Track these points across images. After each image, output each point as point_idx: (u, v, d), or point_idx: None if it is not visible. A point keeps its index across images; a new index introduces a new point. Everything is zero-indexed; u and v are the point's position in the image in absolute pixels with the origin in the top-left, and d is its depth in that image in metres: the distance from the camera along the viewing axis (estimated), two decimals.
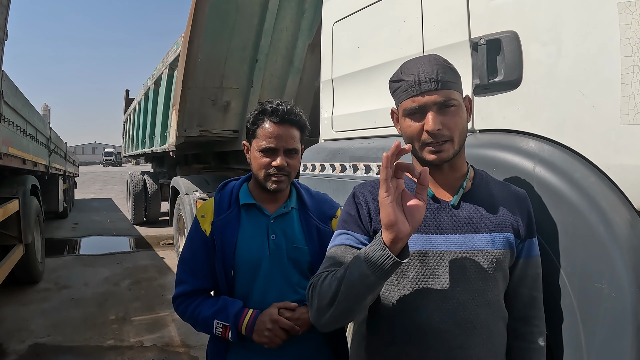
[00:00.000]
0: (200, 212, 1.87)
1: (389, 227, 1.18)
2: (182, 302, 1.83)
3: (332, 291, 1.29)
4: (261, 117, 1.77)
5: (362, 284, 1.22)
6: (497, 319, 1.41)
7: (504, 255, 1.40)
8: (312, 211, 1.87)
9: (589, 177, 1.56)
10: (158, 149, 8.45)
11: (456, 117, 1.37)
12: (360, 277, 1.22)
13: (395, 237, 1.17)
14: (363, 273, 1.21)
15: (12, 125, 5.41)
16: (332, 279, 1.31)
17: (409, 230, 1.18)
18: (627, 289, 1.40)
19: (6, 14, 4.15)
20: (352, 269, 1.25)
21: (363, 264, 1.21)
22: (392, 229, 1.17)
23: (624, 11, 1.52)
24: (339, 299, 1.27)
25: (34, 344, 4.80)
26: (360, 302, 1.27)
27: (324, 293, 1.32)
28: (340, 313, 1.30)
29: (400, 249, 1.20)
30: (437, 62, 1.38)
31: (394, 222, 1.17)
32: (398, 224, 1.17)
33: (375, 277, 1.20)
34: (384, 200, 1.18)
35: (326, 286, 1.32)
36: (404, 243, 1.20)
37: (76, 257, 9.11)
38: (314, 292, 1.37)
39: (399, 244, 1.18)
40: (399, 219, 1.17)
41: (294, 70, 5.85)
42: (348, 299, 1.26)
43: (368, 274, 1.20)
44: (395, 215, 1.17)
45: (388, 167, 1.16)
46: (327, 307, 1.31)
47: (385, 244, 1.19)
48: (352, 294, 1.25)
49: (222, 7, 5.21)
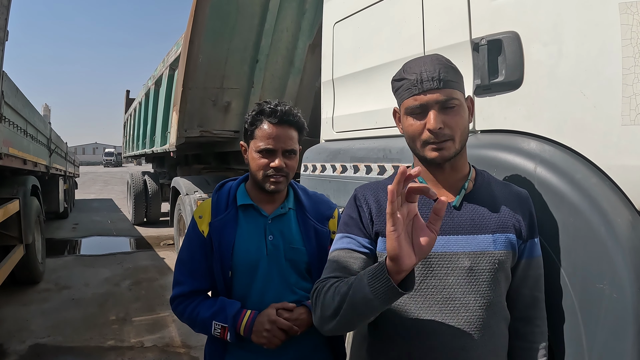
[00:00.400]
0: (198, 212, 1.87)
1: (394, 259, 1.13)
2: (180, 303, 1.83)
3: (334, 305, 1.28)
4: (259, 117, 1.77)
5: (365, 306, 1.21)
6: (499, 320, 1.41)
7: (506, 256, 1.39)
8: (309, 212, 1.87)
9: (590, 177, 1.56)
10: (159, 149, 8.45)
11: (457, 117, 1.37)
12: (363, 299, 1.20)
13: (398, 269, 1.13)
14: (366, 297, 1.18)
15: (12, 125, 5.41)
16: (334, 292, 1.30)
17: (414, 263, 1.14)
18: (628, 289, 1.40)
19: (7, 14, 4.16)
20: (355, 289, 1.23)
21: (366, 288, 1.18)
22: (395, 262, 1.13)
23: (625, 11, 1.52)
24: (341, 314, 1.27)
25: (35, 344, 4.80)
26: (363, 319, 1.28)
27: (327, 305, 1.32)
28: (343, 325, 1.31)
29: (404, 277, 1.16)
30: (440, 61, 1.39)
31: (399, 256, 1.12)
32: (403, 258, 1.12)
33: (378, 302, 1.17)
34: (391, 234, 1.12)
35: (329, 299, 1.31)
36: (408, 272, 1.16)
37: (76, 257, 9.11)
38: (317, 301, 1.37)
39: (402, 274, 1.15)
40: (405, 252, 1.12)
41: (295, 70, 5.85)
42: (351, 316, 1.26)
43: (372, 299, 1.17)
44: (400, 249, 1.12)
45: (394, 201, 1.10)
46: (330, 319, 1.31)
47: (388, 274, 1.14)
48: (354, 312, 1.25)
49: (222, 7, 5.21)
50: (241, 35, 5.51)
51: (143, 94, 10.81)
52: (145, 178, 12.46)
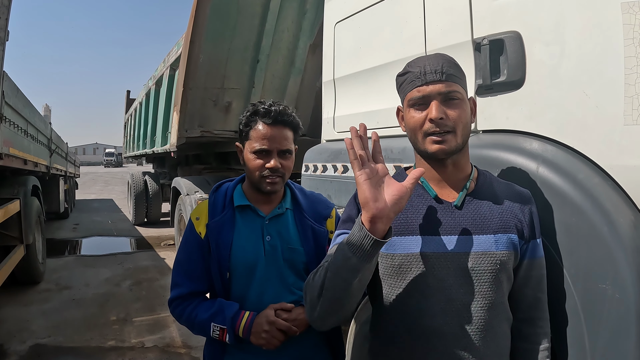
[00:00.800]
0: (195, 214, 1.86)
1: (365, 204, 1.19)
2: (179, 305, 1.83)
3: (320, 280, 1.31)
4: (254, 118, 1.76)
5: (346, 268, 1.23)
6: (501, 321, 1.41)
7: (507, 257, 1.39)
8: (306, 212, 1.87)
9: (593, 177, 1.55)
10: (159, 149, 8.45)
11: (459, 109, 1.38)
12: (343, 260, 1.23)
13: (372, 215, 1.18)
14: (345, 256, 1.23)
15: (13, 125, 5.41)
16: (321, 270, 1.33)
17: (386, 209, 1.19)
18: (630, 290, 1.39)
19: (7, 14, 4.16)
20: (335, 254, 1.27)
21: (345, 247, 1.23)
22: (367, 207, 1.19)
23: (627, 11, 1.51)
24: (326, 286, 1.28)
25: (35, 344, 4.79)
26: (347, 288, 1.27)
27: (314, 285, 1.34)
28: (329, 302, 1.30)
29: (382, 230, 1.20)
30: (443, 57, 1.42)
31: (369, 200, 1.18)
32: (374, 202, 1.18)
33: (356, 258, 1.20)
34: (358, 178, 1.21)
35: (317, 278, 1.34)
36: (384, 224, 1.20)
37: (77, 257, 9.11)
38: (307, 287, 1.39)
39: (377, 224, 1.19)
40: (375, 197, 1.19)
41: (296, 70, 5.85)
42: (335, 286, 1.27)
43: (350, 256, 1.21)
44: (370, 193, 1.19)
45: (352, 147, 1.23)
46: (317, 298, 1.32)
47: (363, 224, 1.20)
48: (337, 279, 1.26)
49: (223, 7, 5.21)
50: (242, 36, 5.51)
51: (144, 94, 10.81)
52: (145, 178, 12.46)
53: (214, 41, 5.41)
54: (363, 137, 1.25)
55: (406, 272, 1.40)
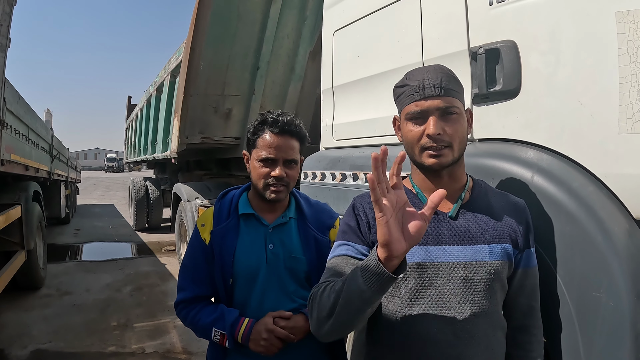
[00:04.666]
0: (200, 221, 1.90)
1: (384, 245, 1.15)
2: (183, 308, 1.87)
3: (330, 303, 1.29)
4: (261, 127, 1.80)
5: (360, 299, 1.22)
6: (495, 329, 1.42)
7: (502, 267, 1.40)
8: (310, 221, 1.89)
9: (587, 186, 1.57)
10: (160, 155, 8.47)
11: (457, 125, 1.39)
12: (357, 292, 1.22)
13: (389, 255, 1.15)
14: (360, 288, 1.20)
15: (14, 132, 5.43)
16: (330, 290, 1.32)
17: (404, 249, 1.16)
18: (625, 297, 1.40)
19: (9, 21, 4.18)
20: (349, 283, 1.25)
21: (360, 279, 1.20)
22: (387, 248, 1.15)
23: (621, 20, 1.53)
24: (337, 312, 1.28)
25: (36, 349, 4.80)
26: (359, 315, 1.27)
27: (323, 305, 1.33)
28: (339, 325, 1.30)
29: (397, 265, 1.18)
30: (442, 70, 1.42)
31: (389, 242, 1.14)
32: (394, 244, 1.14)
33: (371, 292, 1.19)
34: (379, 220, 1.15)
35: (325, 298, 1.32)
36: (400, 260, 1.17)
37: (78, 263, 9.12)
38: (313, 303, 1.38)
39: (394, 261, 1.16)
40: (395, 238, 1.14)
41: (296, 77, 5.86)
42: (346, 312, 1.27)
43: (364, 289, 1.19)
44: (390, 235, 1.14)
45: (375, 188, 1.13)
46: (326, 319, 1.31)
47: (380, 261, 1.17)
48: (350, 307, 1.25)
49: (223, 14, 5.22)
50: (242, 42, 5.52)
51: (145, 100, 10.84)
52: (146, 184, 12.47)
53: (215, 48, 5.43)
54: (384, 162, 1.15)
55: (402, 281, 1.41)
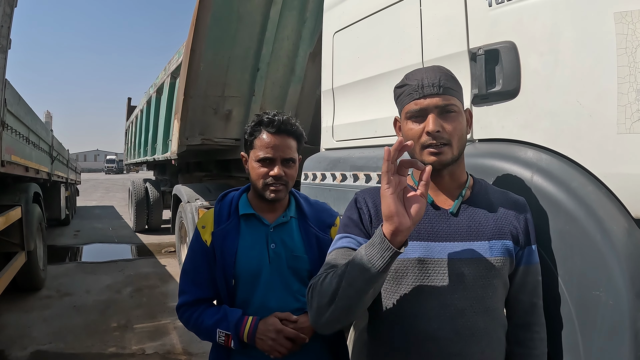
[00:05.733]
0: (201, 223, 1.90)
1: (389, 218, 1.22)
2: (185, 311, 1.86)
3: (332, 288, 1.31)
4: (258, 128, 1.81)
5: (363, 279, 1.25)
6: (496, 326, 1.43)
7: (502, 263, 1.41)
8: (311, 220, 1.89)
9: (587, 185, 1.57)
10: (160, 157, 8.47)
11: (456, 122, 1.41)
12: (360, 271, 1.24)
13: (395, 228, 1.20)
14: (364, 267, 1.24)
15: (15, 133, 5.43)
16: (332, 276, 1.34)
17: (409, 223, 1.22)
18: (624, 296, 1.41)
19: (9, 22, 4.19)
20: (352, 264, 1.28)
21: (364, 258, 1.24)
22: (392, 220, 1.21)
23: (620, 21, 1.54)
24: (339, 296, 1.29)
25: (36, 351, 4.80)
26: (361, 297, 1.28)
27: (324, 291, 1.34)
28: (340, 310, 1.31)
29: (401, 242, 1.23)
30: (441, 70, 1.45)
31: (394, 213, 1.21)
32: (399, 216, 1.21)
33: (375, 270, 1.22)
34: (385, 191, 1.22)
35: (327, 284, 1.34)
36: (404, 236, 1.23)
37: (78, 264, 9.11)
38: (313, 292, 1.39)
39: (399, 237, 1.22)
40: (400, 210, 1.21)
41: (296, 78, 5.87)
42: (349, 295, 1.28)
43: (368, 267, 1.23)
44: (395, 207, 1.21)
45: (389, 160, 1.21)
46: (327, 305, 1.32)
47: (385, 236, 1.22)
48: (352, 289, 1.27)
49: (223, 16, 5.23)
50: (242, 44, 5.53)
51: (145, 101, 10.84)
52: (146, 185, 12.46)
53: (215, 49, 5.43)
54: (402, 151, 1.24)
55: (402, 277, 1.42)
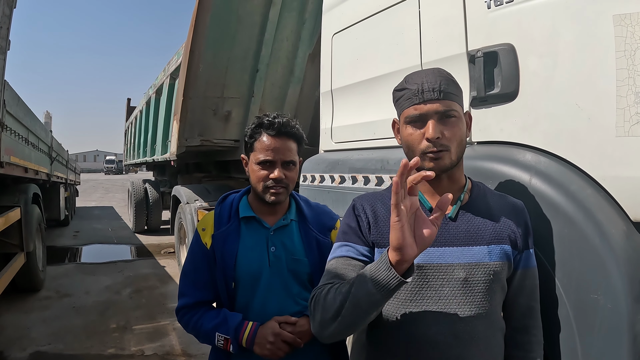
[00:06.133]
0: (201, 225, 1.90)
1: (396, 249, 1.18)
2: (185, 314, 1.85)
3: (336, 305, 1.30)
4: (258, 130, 1.80)
5: (368, 302, 1.24)
6: (494, 330, 1.43)
7: (501, 267, 1.41)
8: (311, 223, 1.89)
9: (585, 188, 1.57)
10: (159, 157, 8.47)
11: (455, 128, 1.40)
12: (366, 295, 1.23)
13: (401, 259, 1.18)
14: (369, 291, 1.22)
15: (14, 134, 5.43)
16: (336, 293, 1.32)
17: (415, 254, 1.19)
18: (622, 300, 1.41)
19: (8, 23, 4.19)
20: (357, 286, 1.26)
21: (369, 283, 1.22)
22: (399, 252, 1.17)
23: (619, 24, 1.54)
24: (343, 314, 1.29)
25: (35, 352, 4.79)
26: (365, 317, 1.29)
27: (328, 307, 1.33)
28: (344, 327, 1.31)
29: (406, 268, 1.20)
30: (441, 74, 1.43)
31: (402, 246, 1.17)
32: (406, 248, 1.17)
33: (380, 295, 1.21)
34: (395, 224, 1.17)
35: (330, 300, 1.33)
36: (409, 264, 1.20)
37: (77, 265, 9.10)
38: (317, 305, 1.38)
39: (404, 265, 1.19)
40: (408, 242, 1.17)
41: (295, 80, 5.87)
42: (353, 315, 1.28)
43: (374, 293, 1.21)
44: (404, 240, 1.17)
45: (398, 192, 1.15)
46: (330, 321, 1.32)
47: (391, 264, 1.19)
48: (357, 310, 1.26)
49: (223, 17, 5.23)
50: (241, 45, 5.53)
51: (144, 102, 10.85)
52: (146, 186, 12.45)
53: (214, 50, 5.44)
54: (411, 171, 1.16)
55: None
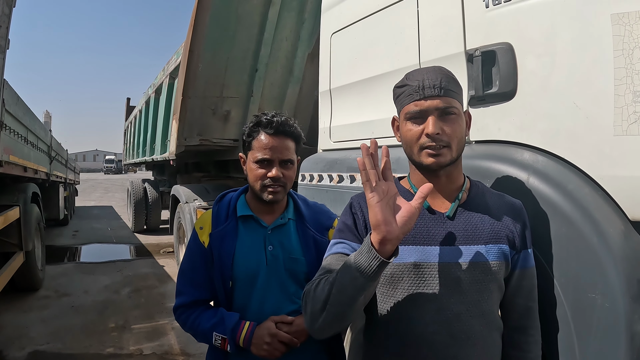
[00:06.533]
0: (199, 224, 1.89)
1: (376, 227, 1.20)
2: (182, 313, 1.86)
3: (324, 295, 1.31)
4: (256, 129, 1.80)
5: (352, 286, 1.24)
6: (491, 330, 1.43)
7: (498, 267, 1.41)
8: (309, 222, 1.89)
9: (583, 188, 1.57)
10: (158, 157, 8.47)
11: (455, 125, 1.40)
12: (350, 279, 1.24)
13: (382, 237, 1.19)
14: (352, 276, 1.23)
15: (13, 133, 5.42)
16: (324, 283, 1.33)
17: (397, 233, 1.20)
18: (620, 299, 1.41)
19: (8, 23, 4.18)
20: (342, 272, 1.28)
21: (352, 266, 1.24)
22: (379, 229, 1.20)
23: (617, 22, 1.54)
24: (330, 302, 1.29)
25: (34, 351, 4.79)
26: (352, 304, 1.28)
27: (317, 298, 1.34)
28: (332, 316, 1.31)
29: (390, 250, 1.22)
30: (442, 71, 1.44)
31: (381, 222, 1.19)
32: (386, 224, 1.19)
33: (364, 278, 1.22)
34: (370, 200, 1.21)
35: (319, 291, 1.34)
36: (393, 245, 1.22)
37: (76, 264, 9.10)
38: (307, 298, 1.39)
39: (387, 245, 1.20)
40: (387, 219, 1.20)
41: (294, 79, 5.87)
42: (340, 302, 1.28)
43: (357, 276, 1.22)
44: (382, 215, 1.20)
45: (364, 169, 1.22)
46: (320, 312, 1.32)
47: (372, 245, 1.21)
48: (343, 296, 1.27)
49: (222, 17, 5.23)
50: (241, 45, 5.53)
51: (143, 102, 10.85)
52: (145, 186, 12.45)
53: (213, 50, 5.43)
54: (374, 154, 1.24)
55: (398, 281, 1.42)
